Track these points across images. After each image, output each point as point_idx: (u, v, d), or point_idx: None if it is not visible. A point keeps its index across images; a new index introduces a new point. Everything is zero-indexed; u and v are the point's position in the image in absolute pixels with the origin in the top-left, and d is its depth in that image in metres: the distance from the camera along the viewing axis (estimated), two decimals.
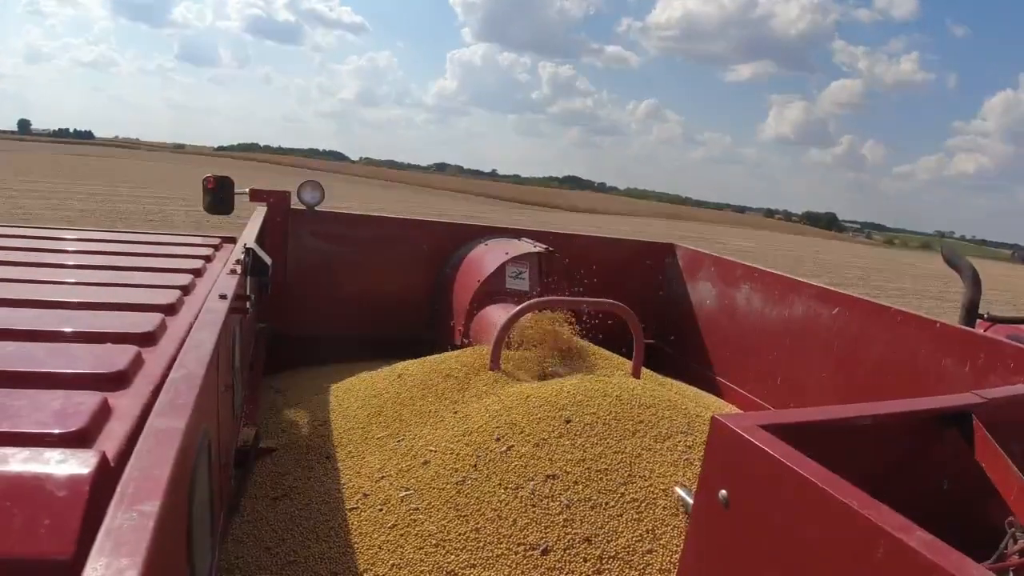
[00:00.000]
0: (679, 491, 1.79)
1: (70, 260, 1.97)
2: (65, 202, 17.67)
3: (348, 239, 3.50)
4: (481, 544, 1.67)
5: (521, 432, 1.99)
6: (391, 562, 1.66)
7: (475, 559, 1.65)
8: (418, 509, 1.80)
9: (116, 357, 1.13)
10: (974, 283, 3.03)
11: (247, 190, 3.17)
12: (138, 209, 17.73)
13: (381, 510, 1.83)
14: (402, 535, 1.73)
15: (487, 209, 35.34)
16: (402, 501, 1.84)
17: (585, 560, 1.63)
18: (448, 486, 1.85)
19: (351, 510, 1.86)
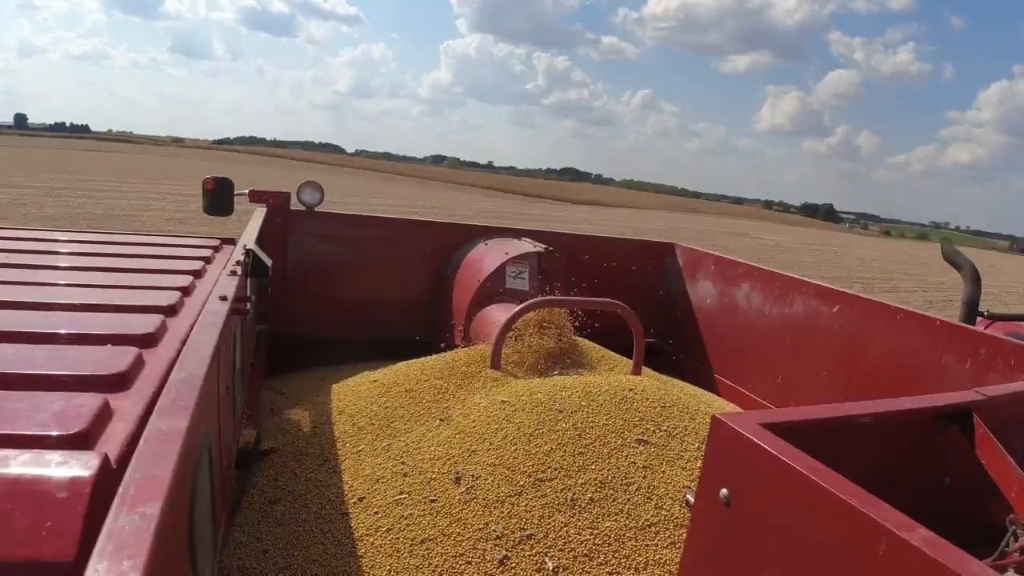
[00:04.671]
0: (688, 496, 1.78)
1: (70, 262, 1.96)
2: (150, 203, 17.46)
3: (348, 240, 3.50)
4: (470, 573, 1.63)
5: (504, 448, 1.95)
6: (387, 565, 1.66)
7: None
8: (412, 515, 1.78)
9: (117, 359, 1.13)
10: (974, 280, 3.03)
11: (247, 191, 3.16)
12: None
13: (377, 514, 1.82)
14: (398, 539, 1.72)
15: (493, 204, 35.14)
16: (398, 505, 1.83)
17: None
18: (426, 501, 1.82)
19: (348, 513, 1.85)
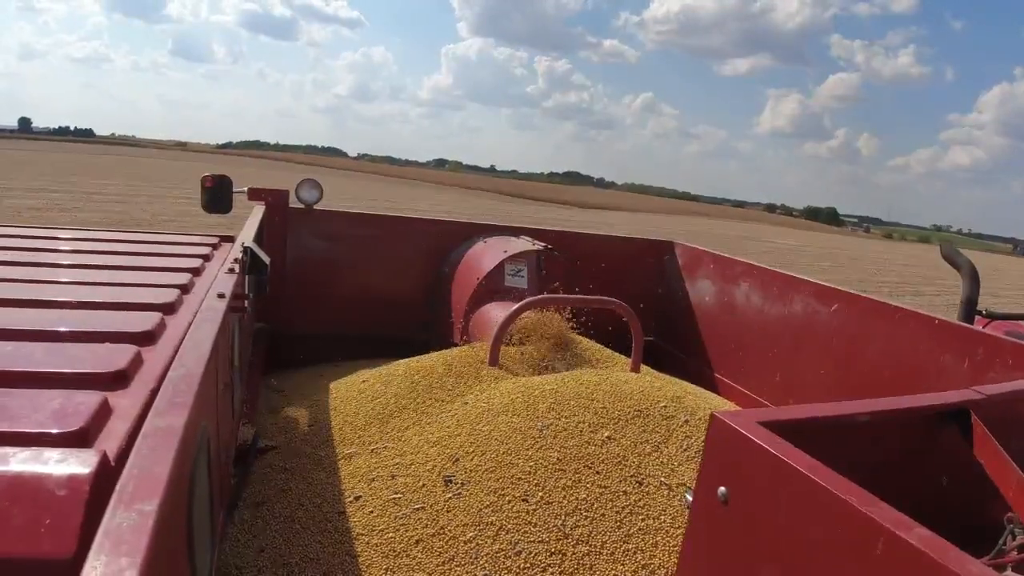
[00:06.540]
0: (687, 496, 1.77)
1: (69, 259, 1.96)
2: (187, 208, 17.17)
3: (347, 238, 3.50)
4: None
5: (485, 456, 1.93)
6: (384, 566, 1.65)
7: None
8: (406, 516, 1.78)
9: (115, 356, 1.13)
10: (972, 280, 3.03)
11: (245, 189, 3.16)
12: None
13: (372, 513, 1.82)
14: (394, 538, 1.72)
15: (501, 209, 34.99)
16: (393, 505, 1.82)
17: None
18: (418, 502, 1.81)
19: (345, 512, 1.84)
